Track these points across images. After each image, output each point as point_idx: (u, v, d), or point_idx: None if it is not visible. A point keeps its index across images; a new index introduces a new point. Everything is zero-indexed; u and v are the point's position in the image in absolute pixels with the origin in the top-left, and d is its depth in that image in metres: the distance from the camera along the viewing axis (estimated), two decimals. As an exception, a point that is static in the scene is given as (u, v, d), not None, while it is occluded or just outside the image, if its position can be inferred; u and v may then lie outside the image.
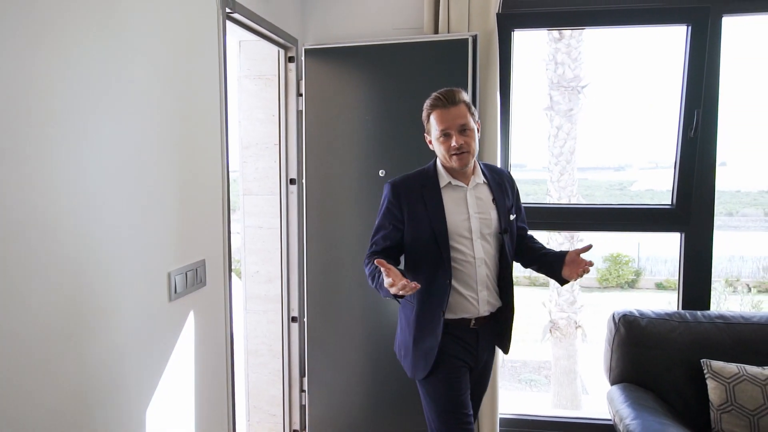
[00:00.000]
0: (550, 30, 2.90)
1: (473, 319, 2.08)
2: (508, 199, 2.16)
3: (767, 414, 2.24)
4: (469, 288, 2.07)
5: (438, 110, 2.03)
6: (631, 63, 24.48)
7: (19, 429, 1.25)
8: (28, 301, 1.27)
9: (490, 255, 2.09)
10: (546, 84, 8.02)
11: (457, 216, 2.06)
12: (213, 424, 2.15)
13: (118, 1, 1.56)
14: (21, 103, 1.24)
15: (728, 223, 25.01)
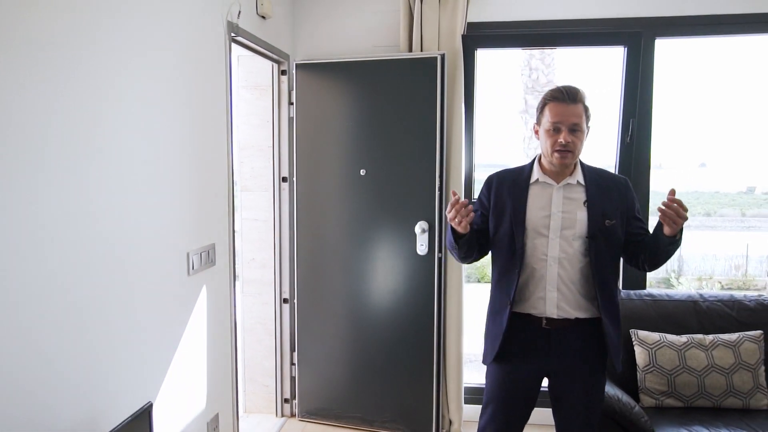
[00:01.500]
0: (506, 49, 3.36)
1: (544, 319, 2.09)
2: (611, 203, 2.08)
3: (682, 373, 2.73)
4: (539, 286, 2.08)
5: (556, 103, 2.02)
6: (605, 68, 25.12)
7: (59, 376, 1.69)
8: (82, 275, 1.72)
9: (569, 256, 2.06)
10: (521, 88, 8.54)
11: (538, 212, 2.08)
12: (220, 376, 2.60)
13: (148, 33, 2.01)
14: (75, 120, 1.69)
15: (705, 223, 25.79)
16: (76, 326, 1.65)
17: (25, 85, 1.44)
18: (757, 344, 2.77)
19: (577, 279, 2.07)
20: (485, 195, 2.21)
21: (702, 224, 25.38)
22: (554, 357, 2.10)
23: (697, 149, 38.93)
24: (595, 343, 2.10)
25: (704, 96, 34.05)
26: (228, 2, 2.60)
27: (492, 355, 2.16)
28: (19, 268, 1.44)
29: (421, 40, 3.24)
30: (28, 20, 1.45)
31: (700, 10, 3.16)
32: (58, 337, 1.58)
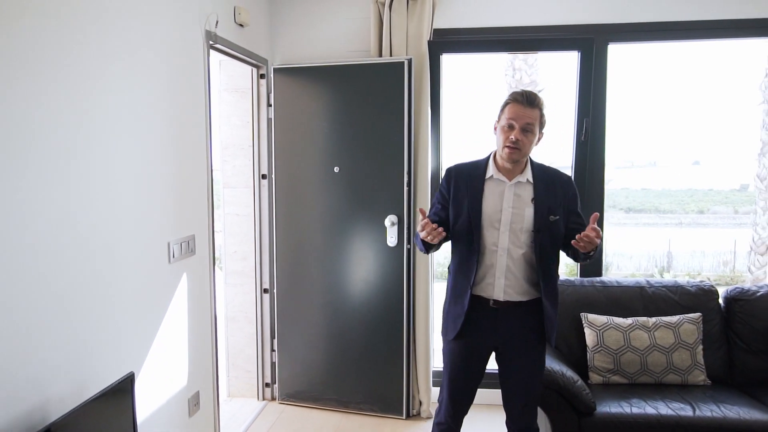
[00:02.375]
0: (469, 54, 3.62)
1: (492, 300, 2.34)
2: (555, 200, 2.30)
3: (627, 352, 2.99)
4: (488, 273, 2.33)
5: (515, 104, 2.24)
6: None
7: (50, 350, 1.95)
8: (72, 260, 1.97)
9: (517, 248, 2.29)
10: (505, 88, 8.79)
11: (491, 207, 2.31)
12: (201, 356, 2.86)
13: (132, 41, 2.26)
14: (64, 119, 1.94)
15: (697, 220, 26.10)
16: (64, 305, 1.90)
17: (15, 86, 1.69)
18: (695, 325, 3.04)
19: (522, 267, 2.32)
20: (445, 188, 2.42)
21: (694, 222, 25.68)
22: (501, 332, 2.36)
23: (691, 147, 39.22)
24: (535, 321, 2.37)
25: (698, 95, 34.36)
26: (206, 13, 2.86)
27: (454, 332, 2.39)
28: (14, 254, 1.69)
29: (390, 46, 3.50)
30: (19, 25, 1.70)
31: (650, 18, 3.43)
32: (49, 316, 1.83)
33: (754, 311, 3.12)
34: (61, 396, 1.88)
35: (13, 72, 1.67)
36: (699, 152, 36.67)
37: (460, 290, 2.38)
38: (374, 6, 3.50)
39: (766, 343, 3.07)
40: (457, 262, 2.41)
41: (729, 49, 9.31)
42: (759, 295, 3.15)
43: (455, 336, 2.39)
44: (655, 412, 2.68)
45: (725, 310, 3.20)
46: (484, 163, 2.38)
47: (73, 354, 1.95)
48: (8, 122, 1.65)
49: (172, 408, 2.60)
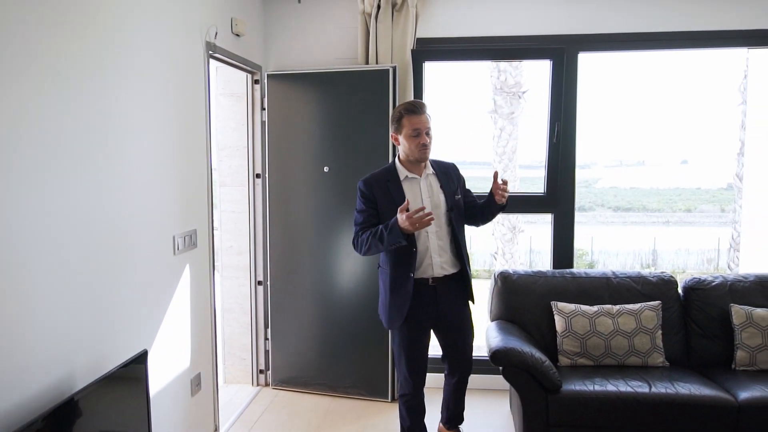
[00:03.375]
0: (450, 62, 3.93)
1: (430, 278, 2.81)
2: (453, 184, 2.88)
3: (592, 337, 3.30)
4: (427, 255, 2.78)
5: (412, 115, 2.74)
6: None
7: (73, 329, 2.23)
8: (91, 249, 2.25)
9: (441, 229, 2.80)
10: (490, 89, 9.10)
11: (413, 200, 2.74)
12: (202, 341, 3.14)
13: (141, 53, 2.54)
14: (88, 124, 2.22)
15: (684, 219, 26.57)
16: (87, 290, 2.18)
17: (48, 98, 1.97)
18: (655, 312, 3.35)
19: (448, 243, 2.84)
20: (369, 196, 2.80)
21: (681, 220, 26.19)
22: (440, 305, 2.86)
23: (679, 147, 39.77)
24: (461, 288, 2.92)
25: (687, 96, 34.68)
26: (206, 25, 3.14)
27: (401, 319, 2.81)
28: (44, 245, 1.96)
29: (377, 54, 3.79)
30: (51, 45, 1.98)
31: (617, 29, 3.75)
32: (74, 299, 2.11)
33: (709, 299, 3.45)
34: (85, 368, 2.15)
35: (48, 86, 1.94)
36: (687, 152, 36.94)
37: (402, 280, 2.78)
38: (361, 17, 3.80)
39: (719, 328, 3.39)
40: (395, 256, 2.79)
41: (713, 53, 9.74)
42: (714, 285, 3.48)
43: (403, 322, 2.82)
44: (615, 389, 2.99)
45: (683, 299, 3.52)
46: (392, 168, 2.86)
47: (94, 333, 2.22)
48: (39, 128, 1.92)
49: (176, 387, 2.88)
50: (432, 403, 3.22)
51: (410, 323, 2.83)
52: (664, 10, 3.72)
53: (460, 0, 3.82)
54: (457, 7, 3.83)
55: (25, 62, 1.84)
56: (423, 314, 2.84)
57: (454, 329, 2.94)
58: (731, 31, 3.70)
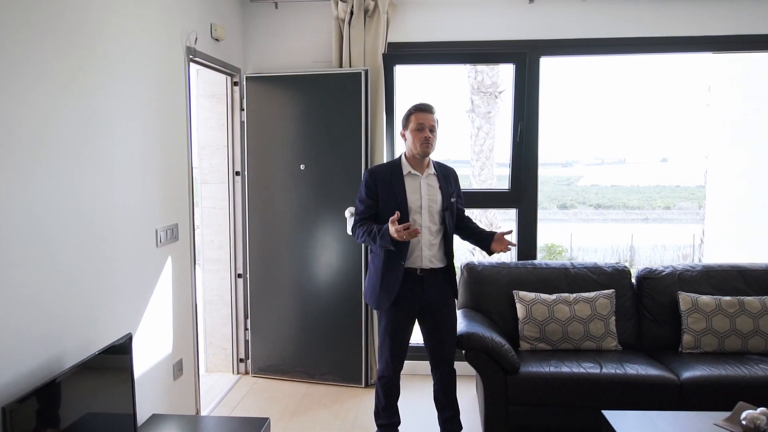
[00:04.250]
0: (419, 65, 4.18)
1: (419, 269, 2.99)
2: (450, 187, 3.07)
3: (550, 323, 3.55)
4: (416, 247, 2.97)
5: (419, 112, 2.96)
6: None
7: (62, 314, 2.43)
8: (80, 240, 2.45)
9: (433, 225, 2.99)
10: (468, 89, 9.35)
11: (413, 196, 2.97)
12: (183, 329, 3.34)
13: (125, 58, 2.74)
14: (79, 126, 2.42)
15: (663, 216, 27.07)
16: (75, 277, 2.38)
17: (37, 98, 2.17)
18: (609, 300, 3.61)
19: (439, 240, 3.03)
20: (371, 186, 3.01)
21: (660, 217, 26.69)
22: (426, 295, 3.03)
23: (659, 145, 40.36)
24: (447, 284, 3.10)
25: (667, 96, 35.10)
26: (187, 31, 3.34)
27: (389, 302, 3.00)
28: (34, 237, 2.16)
29: (350, 57, 4.01)
30: (42, 50, 2.17)
31: (577, 35, 4.00)
32: (63, 286, 2.31)
33: (660, 288, 3.71)
34: (74, 351, 2.35)
35: (39, 88, 2.14)
36: (667, 150, 37.42)
37: (392, 266, 2.97)
38: (335, 22, 4.02)
39: (668, 314, 3.66)
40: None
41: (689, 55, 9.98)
42: (664, 275, 3.75)
43: (391, 304, 3.00)
44: (569, 371, 3.24)
45: (636, 287, 3.79)
46: (398, 163, 3.06)
47: (82, 318, 2.42)
48: (30, 127, 2.12)
49: (159, 371, 3.08)
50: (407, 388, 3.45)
51: (397, 308, 3.01)
52: (621, 19, 3.98)
53: (428, 7, 4.06)
54: (426, 13, 4.06)
55: (17, 66, 2.03)
56: (410, 300, 3.01)
57: (437, 320, 3.09)
58: (691, 37, 3.99)
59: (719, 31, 3.98)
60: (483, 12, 4.03)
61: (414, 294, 3.01)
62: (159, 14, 3.05)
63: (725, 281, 3.69)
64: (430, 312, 3.08)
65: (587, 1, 3.99)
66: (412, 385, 4.06)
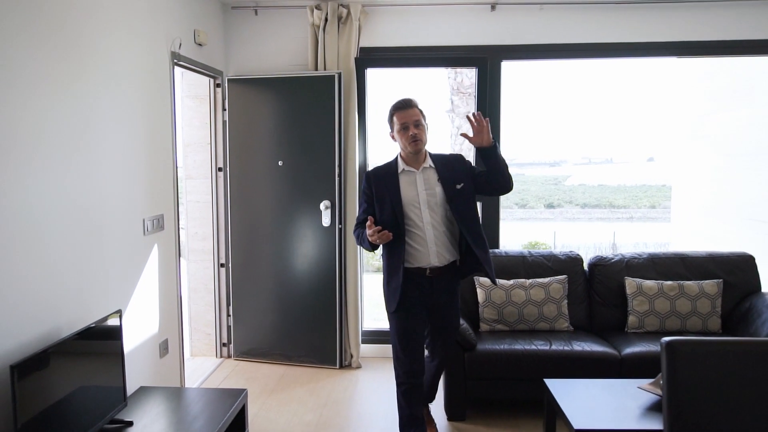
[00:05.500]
0: (389, 69, 4.52)
1: (428, 269, 2.92)
2: (455, 175, 2.93)
3: (508, 306, 3.89)
4: (421, 245, 2.90)
5: (398, 111, 2.90)
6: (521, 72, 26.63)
7: (62, 289, 2.75)
8: (74, 228, 2.77)
9: (437, 220, 2.90)
10: (448, 90, 9.71)
11: (409, 193, 2.91)
12: (169, 311, 3.66)
13: (116, 62, 3.06)
14: (74, 123, 2.74)
15: (648, 215, 27.56)
16: (71, 259, 2.69)
17: (38, 100, 2.48)
18: (562, 285, 3.95)
19: (445, 234, 2.96)
20: (368, 188, 3.01)
21: (644, 216, 27.19)
22: (435, 295, 3.00)
23: (646, 144, 40.84)
24: (455, 281, 3.09)
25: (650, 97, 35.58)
26: (171, 37, 3.66)
27: (395, 304, 2.95)
28: (29, 222, 2.47)
29: (324, 61, 4.34)
30: (40, 57, 2.49)
31: (535, 40, 4.35)
32: (62, 266, 2.62)
33: (609, 274, 4.07)
34: (69, 325, 2.66)
35: (38, 91, 2.46)
36: (653, 149, 37.91)
37: (395, 267, 2.94)
38: (311, 28, 4.35)
39: (617, 298, 4.01)
40: (389, 246, 2.95)
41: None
42: (613, 262, 4.11)
43: (397, 306, 2.94)
44: (521, 347, 3.58)
45: (588, 274, 4.14)
46: (394, 163, 3.03)
47: (76, 297, 2.74)
48: (29, 126, 2.43)
49: (146, 349, 3.40)
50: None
51: (406, 311, 2.95)
52: (578, 25, 4.34)
53: (398, 14, 4.40)
54: (395, 20, 4.40)
55: (19, 71, 2.35)
56: (418, 303, 2.96)
57: (443, 317, 3.08)
58: (651, 42, 4.37)
59: (679, 37, 4.37)
60: (448, 19, 4.38)
61: (423, 295, 2.98)
62: (146, 23, 3.37)
63: (668, 267, 4.05)
64: (439, 312, 3.06)
65: (545, 9, 4.34)
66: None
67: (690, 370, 1.73)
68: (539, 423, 3.46)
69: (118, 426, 2.75)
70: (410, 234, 2.93)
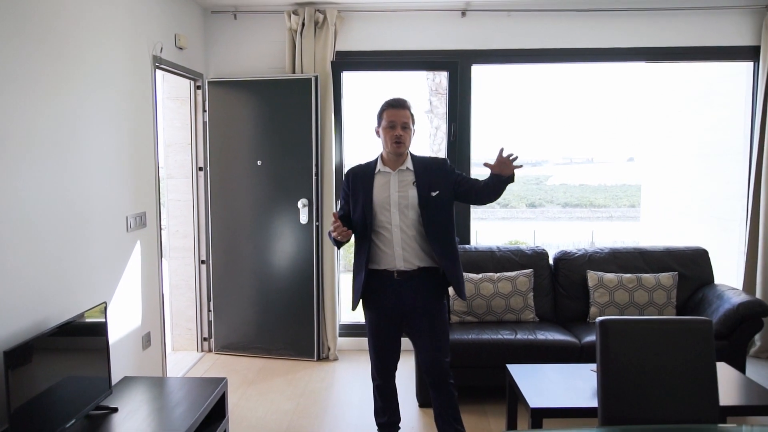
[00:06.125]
0: (364, 72, 4.74)
1: (395, 272, 2.85)
2: (434, 179, 2.84)
3: (477, 299, 4.11)
4: (388, 247, 2.84)
5: (391, 109, 2.85)
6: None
7: (53, 281, 2.92)
8: (60, 224, 2.94)
9: (407, 223, 2.84)
10: (426, 91, 9.94)
11: (381, 194, 2.86)
12: (151, 305, 3.84)
13: (100, 66, 3.24)
14: (63, 125, 2.91)
15: (627, 214, 28.05)
16: (59, 254, 2.87)
17: (29, 102, 2.65)
18: (528, 278, 4.19)
19: (415, 239, 2.86)
20: (346, 186, 3.01)
21: (624, 215, 27.66)
22: (404, 300, 2.88)
23: (626, 145, 41.43)
24: (433, 285, 2.93)
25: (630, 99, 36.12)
26: (153, 41, 3.83)
27: (355, 303, 2.99)
28: (21, 219, 2.64)
29: (302, 64, 4.54)
30: (30, 62, 2.66)
31: (504, 45, 4.59)
32: (50, 261, 2.79)
33: (573, 267, 4.31)
34: (57, 316, 2.84)
35: (28, 94, 2.63)
36: (633, 149, 38.49)
37: (359, 267, 2.93)
38: (289, 33, 4.54)
39: (580, 290, 4.26)
40: (357, 245, 2.98)
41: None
42: (576, 256, 4.35)
43: (354, 306, 3.02)
44: (488, 337, 3.81)
45: (553, 268, 4.38)
46: (373, 162, 2.98)
47: (63, 289, 2.91)
48: (20, 128, 2.60)
49: (130, 340, 3.57)
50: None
51: (375, 310, 2.95)
52: (544, 31, 4.58)
53: (372, 20, 4.61)
54: (370, 25, 4.62)
55: (12, 76, 2.53)
56: (385, 305, 2.91)
57: (422, 329, 2.92)
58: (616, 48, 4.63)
59: (646, 43, 4.63)
60: (421, 24, 4.60)
61: (388, 298, 2.90)
62: (129, 28, 3.54)
63: (628, 261, 4.30)
64: (414, 318, 2.92)
65: (512, 16, 4.58)
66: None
67: (619, 345, 1.96)
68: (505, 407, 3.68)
69: (104, 412, 2.92)
70: (378, 235, 2.90)
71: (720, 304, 3.88)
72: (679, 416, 1.96)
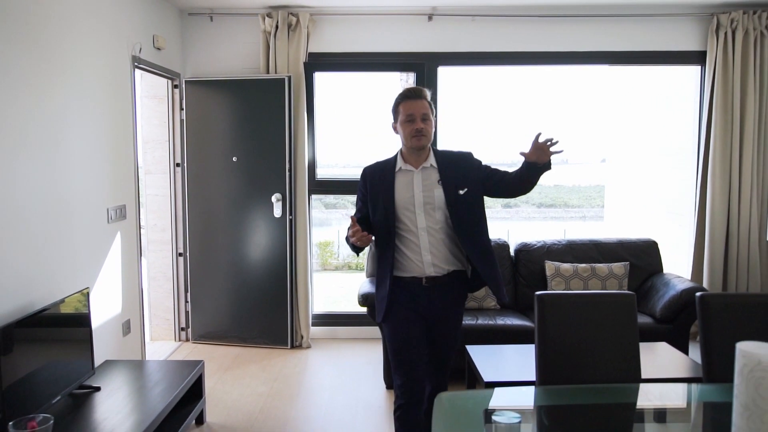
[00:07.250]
0: (335, 72, 4.98)
1: (424, 278, 2.58)
2: (460, 177, 2.58)
3: (441, 287, 4.37)
4: (414, 252, 2.57)
5: (407, 100, 2.58)
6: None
7: (37, 269, 3.11)
8: (44, 215, 3.13)
9: (434, 226, 2.56)
10: (398, 91, 10.18)
11: (404, 194, 2.58)
12: (131, 293, 4.04)
13: (81, 66, 3.43)
14: (47, 124, 3.11)
15: (600, 213, 28.59)
16: (44, 243, 3.06)
17: (16, 101, 2.85)
18: (490, 268, 4.46)
19: (443, 242, 2.60)
20: (362, 186, 2.73)
21: (596, 215, 28.20)
22: (433, 307, 2.64)
23: (599, 146, 42.04)
24: (459, 294, 2.72)
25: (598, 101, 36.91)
26: (132, 42, 4.03)
27: (381, 315, 2.67)
28: (12, 210, 2.84)
29: (275, 65, 4.77)
30: (17, 64, 2.86)
31: (469, 48, 4.86)
32: (34, 248, 2.98)
33: (532, 258, 4.60)
34: (42, 301, 3.03)
35: (17, 95, 2.83)
36: (606, 151, 39.29)
37: (383, 275, 2.66)
38: (263, 34, 4.77)
39: (538, 279, 4.54)
40: (379, 250, 2.69)
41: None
42: (536, 248, 4.64)
43: (383, 318, 2.67)
44: (451, 322, 4.07)
45: (514, 258, 4.66)
46: (393, 159, 2.70)
47: (48, 275, 3.10)
48: (9, 126, 2.80)
49: (111, 326, 3.77)
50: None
51: (399, 320, 2.63)
52: (508, 35, 4.87)
53: (344, 23, 4.85)
54: (341, 28, 4.86)
55: (3, 78, 2.72)
56: (413, 312, 2.63)
57: (441, 340, 2.73)
58: (583, 52, 4.93)
59: (608, 47, 4.93)
60: (389, 28, 4.86)
61: (418, 305, 2.64)
62: (108, 29, 3.74)
63: (584, 252, 4.61)
64: (437, 326, 2.69)
65: (477, 21, 4.86)
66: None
67: (554, 316, 2.23)
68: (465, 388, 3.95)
69: (87, 391, 3.13)
70: (402, 239, 2.63)
71: (666, 291, 4.19)
72: (606, 377, 2.24)
